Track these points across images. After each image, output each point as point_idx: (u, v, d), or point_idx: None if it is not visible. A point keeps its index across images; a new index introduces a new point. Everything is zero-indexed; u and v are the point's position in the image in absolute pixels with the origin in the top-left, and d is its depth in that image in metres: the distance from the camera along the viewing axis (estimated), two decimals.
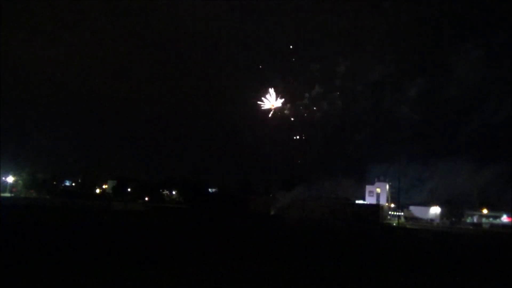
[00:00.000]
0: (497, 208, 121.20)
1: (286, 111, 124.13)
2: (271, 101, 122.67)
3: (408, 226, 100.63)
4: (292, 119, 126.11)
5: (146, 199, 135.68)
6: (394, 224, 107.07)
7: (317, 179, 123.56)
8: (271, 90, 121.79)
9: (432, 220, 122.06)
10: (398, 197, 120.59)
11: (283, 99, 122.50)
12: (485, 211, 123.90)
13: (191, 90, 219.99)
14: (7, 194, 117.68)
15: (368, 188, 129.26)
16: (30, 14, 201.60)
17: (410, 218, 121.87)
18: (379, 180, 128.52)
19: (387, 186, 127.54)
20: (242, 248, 32.49)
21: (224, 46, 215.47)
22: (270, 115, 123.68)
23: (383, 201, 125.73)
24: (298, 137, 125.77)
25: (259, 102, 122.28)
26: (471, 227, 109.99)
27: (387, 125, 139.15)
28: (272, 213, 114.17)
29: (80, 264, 20.32)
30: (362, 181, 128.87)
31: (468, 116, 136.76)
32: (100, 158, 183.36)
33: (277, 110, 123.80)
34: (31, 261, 20.41)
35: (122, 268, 19.87)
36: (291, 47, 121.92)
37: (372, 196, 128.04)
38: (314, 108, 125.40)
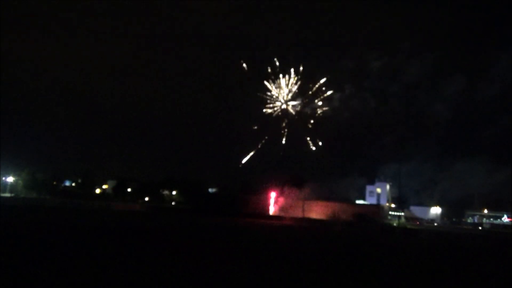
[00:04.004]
0: (497, 208, 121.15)
1: (291, 111, 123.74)
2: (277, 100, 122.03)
3: (408, 227, 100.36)
4: (296, 118, 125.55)
5: (146, 199, 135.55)
6: (395, 224, 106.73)
7: (317, 179, 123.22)
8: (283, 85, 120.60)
9: (432, 220, 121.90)
10: (399, 197, 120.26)
11: (289, 98, 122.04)
12: (485, 211, 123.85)
13: (191, 90, 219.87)
14: (7, 194, 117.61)
15: (369, 188, 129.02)
16: (30, 14, 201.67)
17: (411, 218, 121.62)
18: (379, 180, 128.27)
19: (388, 186, 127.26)
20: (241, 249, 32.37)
21: (232, 43, 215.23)
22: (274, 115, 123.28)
23: (383, 201, 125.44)
24: (302, 137, 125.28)
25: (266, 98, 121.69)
26: (471, 227, 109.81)
27: (390, 125, 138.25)
28: (271, 213, 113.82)
29: (80, 264, 20.18)
30: (362, 181, 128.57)
31: (484, 119, 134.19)
32: (100, 158, 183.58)
33: (282, 109, 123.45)
34: (31, 262, 20.27)
35: (122, 268, 19.74)
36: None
37: (373, 196, 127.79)
38: (319, 107, 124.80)
